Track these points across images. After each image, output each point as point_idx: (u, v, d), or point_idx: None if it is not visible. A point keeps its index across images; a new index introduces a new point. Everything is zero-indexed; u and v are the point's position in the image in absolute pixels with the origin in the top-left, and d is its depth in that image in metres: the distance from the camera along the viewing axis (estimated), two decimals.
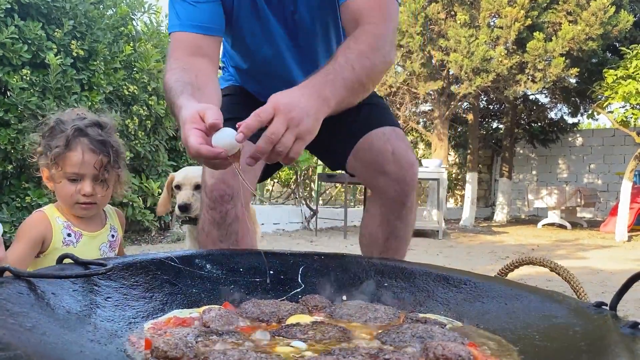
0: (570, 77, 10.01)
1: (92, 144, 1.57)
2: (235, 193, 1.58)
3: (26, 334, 0.68)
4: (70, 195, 1.58)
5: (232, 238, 1.60)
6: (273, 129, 1.09)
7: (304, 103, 1.15)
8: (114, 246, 1.73)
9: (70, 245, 1.61)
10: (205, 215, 1.61)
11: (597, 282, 4.21)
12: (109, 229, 1.72)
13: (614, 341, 0.73)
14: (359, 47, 1.36)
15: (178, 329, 0.90)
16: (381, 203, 1.72)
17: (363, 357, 0.75)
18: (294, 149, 1.12)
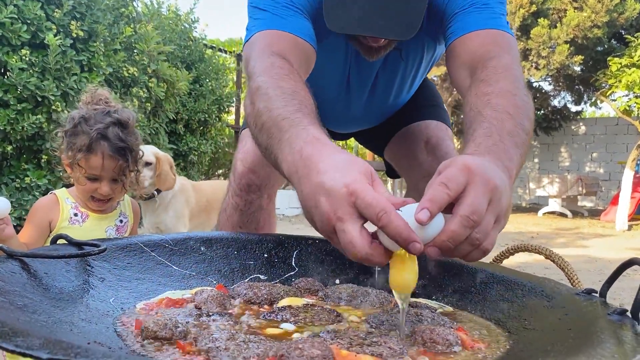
0: (574, 65, 9.95)
1: (112, 150, 1.61)
2: (263, 184, 1.57)
3: (16, 312, 0.69)
4: (87, 190, 1.64)
5: (252, 226, 1.60)
6: (475, 206, 0.71)
7: (498, 173, 0.78)
8: (121, 231, 1.76)
9: (76, 224, 1.67)
10: (230, 199, 1.62)
11: (595, 270, 4.22)
12: (118, 214, 1.76)
13: (601, 327, 0.73)
14: (498, 86, 1.05)
15: (169, 310, 0.91)
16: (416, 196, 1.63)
17: (351, 340, 0.76)
18: (491, 237, 0.75)
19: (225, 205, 1.65)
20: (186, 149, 5.62)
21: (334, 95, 1.54)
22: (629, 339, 0.68)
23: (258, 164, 1.54)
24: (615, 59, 8.55)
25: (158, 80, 4.79)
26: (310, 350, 0.65)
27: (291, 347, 0.66)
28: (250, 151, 1.56)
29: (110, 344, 0.71)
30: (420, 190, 1.60)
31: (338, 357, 0.68)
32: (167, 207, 2.66)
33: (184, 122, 5.64)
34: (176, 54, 5.61)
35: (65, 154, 1.63)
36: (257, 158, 1.54)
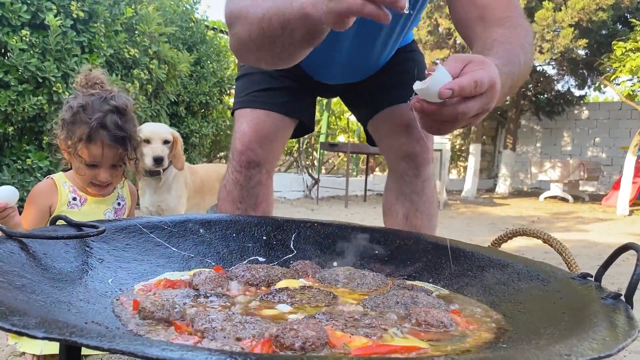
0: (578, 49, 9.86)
1: (111, 139, 1.61)
2: (261, 161, 1.64)
3: (14, 292, 0.69)
4: (86, 177, 1.66)
5: (252, 200, 1.66)
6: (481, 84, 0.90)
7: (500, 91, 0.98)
8: (119, 214, 1.77)
9: (75, 209, 1.68)
10: (230, 176, 1.67)
11: (594, 255, 4.23)
12: (115, 197, 1.77)
13: (595, 311, 0.74)
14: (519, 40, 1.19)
15: (167, 291, 0.92)
16: (396, 176, 1.72)
17: (346, 321, 0.76)
18: (473, 119, 0.97)
19: (226, 182, 1.70)
20: (187, 131, 5.61)
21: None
22: (621, 322, 0.68)
23: (255, 142, 1.62)
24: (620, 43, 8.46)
25: (159, 62, 4.76)
26: (305, 332, 0.66)
27: (286, 328, 0.67)
28: (247, 131, 1.62)
29: (108, 324, 0.72)
30: (399, 170, 1.67)
31: (332, 338, 0.69)
32: (170, 186, 2.68)
33: (185, 105, 5.62)
34: (177, 35, 5.57)
35: (65, 142, 1.64)
36: (254, 137, 1.61)
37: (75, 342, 0.46)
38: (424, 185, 1.70)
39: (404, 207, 1.71)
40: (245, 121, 1.64)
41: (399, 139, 1.66)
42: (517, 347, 0.70)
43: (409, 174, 1.68)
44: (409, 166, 1.67)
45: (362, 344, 0.69)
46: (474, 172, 11.01)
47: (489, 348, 0.72)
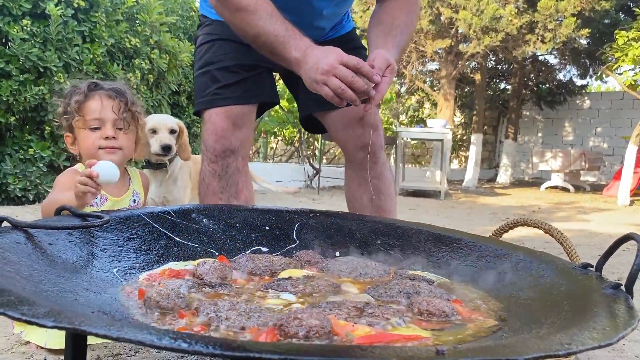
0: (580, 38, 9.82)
1: (108, 92, 1.62)
2: (235, 148, 1.67)
3: (22, 282, 0.70)
4: (93, 143, 1.61)
5: (232, 189, 1.68)
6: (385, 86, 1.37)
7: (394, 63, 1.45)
8: None
9: (94, 207, 1.64)
10: (206, 168, 1.69)
11: (595, 245, 4.24)
12: (131, 194, 1.76)
13: (595, 301, 0.75)
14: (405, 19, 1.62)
15: (172, 280, 0.93)
16: (355, 165, 1.82)
17: (349, 310, 0.77)
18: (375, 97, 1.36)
19: (203, 175, 1.73)
20: (189, 121, 5.60)
21: None
22: (621, 312, 0.69)
23: (228, 130, 1.66)
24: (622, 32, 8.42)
25: (160, 52, 4.74)
26: (309, 321, 0.67)
27: (290, 317, 0.68)
28: (218, 121, 1.67)
29: (114, 313, 0.73)
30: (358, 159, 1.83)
31: (336, 327, 0.70)
32: (176, 178, 2.68)
33: (186, 94, 5.60)
34: (178, 24, 5.54)
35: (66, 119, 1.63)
36: (225, 125, 1.66)
37: (84, 331, 0.47)
38: (382, 169, 1.82)
39: (368, 192, 1.80)
40: (213, 114, 1.68)
41: (355, 131, 1.78)
42: (518, 336, 0.71)
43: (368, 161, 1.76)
44: (366, 154, 1.76)
45: (365, 332, 0.70)
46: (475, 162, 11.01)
47: (490, 337, 0.73)
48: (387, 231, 1.27)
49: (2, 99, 3.63)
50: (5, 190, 3.74)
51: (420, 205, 6.75)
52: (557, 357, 0.52)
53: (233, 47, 1.73)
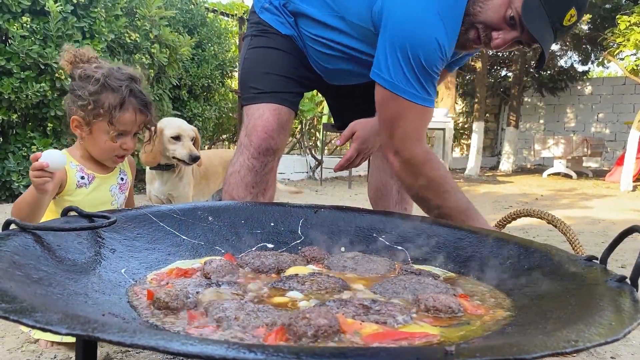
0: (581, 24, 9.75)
1: (140, 105, 1.64)
2: (277, 148, 1.76)
3: (33, 286, 0.71)
4: (112, 149, 1.66)
5: (263, 186, 1.76)
6: (349, 156, 1.74)
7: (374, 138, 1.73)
8: (123, 189, 1.79)
9: (83, 187, 1.68)
10: (245, 162, 1.75)
11: (598, 231, 4.24)
12: (118, 172, 1.79)
13: (600, 294, 0.75)
14: None
15: (180, 280, 0.93)
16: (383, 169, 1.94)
17: (356, 308, 0.78)
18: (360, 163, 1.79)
19: (239, 167, 1.77)
20: (190, 115, 5.60)
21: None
22: (627, 306, 0.69)
23: (276, 131, 1.74)
24: (624, 17, 8.36)
25: (160, 46, 4.74)
26: (317, 320, 0.68)
27: (299, 317, 0.69)
28: (271, 120, 1.73)
29: (125, 315, 0.74)
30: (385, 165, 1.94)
31: (344, 326, 0.71)
32: (182, 175, 2.70)
33: (187, 88, 5.60)
34: (178, 18, 5.53)
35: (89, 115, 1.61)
36: (276, 126, 1.73)
37: (98, 338, 0.48)
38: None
39: (397, 184, 1.90)
40: (268, 110, 1.74)
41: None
42: (525, 331, 0.71)
43: None
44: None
45: (373, 330, 0.71)
46: (477, 150, 10.99)
47: (496, 333, 0.73)
48: (391, 225, 1.28)
49: (3, 96, 3.64)
50: (9, 188, 3.75)
51: None
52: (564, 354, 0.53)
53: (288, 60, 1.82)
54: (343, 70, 1.78)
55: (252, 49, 1.86)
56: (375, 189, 1.97)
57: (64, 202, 1.63)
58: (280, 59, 1.81)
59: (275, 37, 1.82)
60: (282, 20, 1.83)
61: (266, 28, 1.83)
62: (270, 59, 1.82)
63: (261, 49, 1.85)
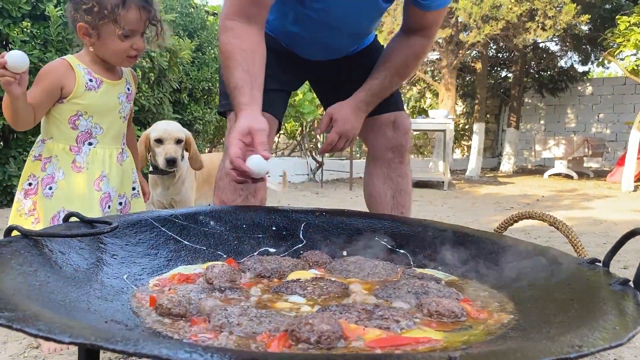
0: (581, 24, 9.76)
1: (142, 1, 1.67)
2: None
3: (35, 293, 0.71)
4: (124, 50, 1.70)
5: (252, 188, 1.73)
6: (330, 140, 1.76)
7: (353, 120, 1.75)
8: (129, 99, 1.85)
9: (92, 90, 1.72)
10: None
11: (600, 232, 4.24)
12: (125, 82, 1.84)
13: (604, 298, 0.75)
14: (410, 61, 1.79)
15: (182, 286, 0.93)
16: (383, 163, 1.94)
17: (359, 313, 0.78)
18: (344, 147, 1.83)
19: (226, 171, 1.75)
20: (191, 118, 5.60)
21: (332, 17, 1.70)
22: (630, 310, 0.69)
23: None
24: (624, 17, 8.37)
25: (160, 50, 4.75)
26: (320, 326, 0.68)
27: (301, 323, 0.68)
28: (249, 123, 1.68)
29: (127, 322, 0.73)
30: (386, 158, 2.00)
31: (347, 331, 0.71)
32: (183, 180, 2.69)
33: (187, 91, 5.61)
34: (178, 22, 5.54)
35: (95, 19, 1.65)
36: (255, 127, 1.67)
37: (101, 346, 0.48)
38: (406, 169, 1.95)
39: (391, 189, 1.93)
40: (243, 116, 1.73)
41: (387, 134, 1.92)
42: (528, 336, 0.71)
43: (395, 161, 1.92)
44: (395, 155, 1.91)
45: (376, 336, 0.71)
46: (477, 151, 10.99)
47: (500, 337, 0.73)
48: (393, 229, 1.27)
49: None
50: (11, 193, 3.75)
51: (423, 197, 6.76)
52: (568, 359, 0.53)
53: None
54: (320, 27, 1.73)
55: None
56: (369, 196, 1.97)
57: (74, 106, 1.69)
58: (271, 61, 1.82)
59: None
60: None
61: None
62: None
63: None
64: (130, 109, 1.85)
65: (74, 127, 1.71)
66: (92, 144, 1.74)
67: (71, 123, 1.70)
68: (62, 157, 1.71)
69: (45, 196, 1.69)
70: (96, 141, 1.75)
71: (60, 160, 1.71)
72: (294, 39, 1.81)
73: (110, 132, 1.77)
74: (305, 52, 1.87)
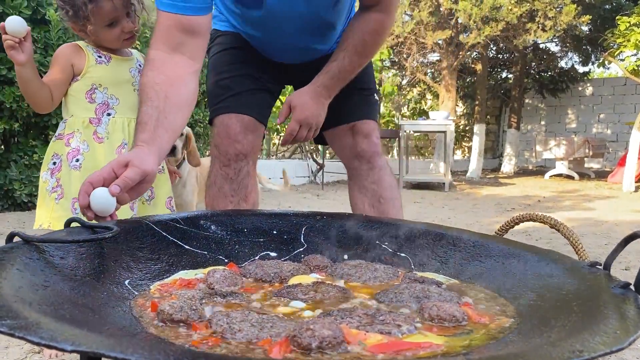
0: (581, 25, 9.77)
1: None
2: (247, 152, 1.73)
3: (36, 300, 0.71)
4: (116, 38, 1.80)
5: (242, 192, 1.74)
6: (290, 129, 1.66)
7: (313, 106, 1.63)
8: None
9: (103, 64, 1.83)
10: (218, 171, 1.75)
11: (601, 233, 4.24)
12: (135, 59, 1.93)
13: (605, 302, 0.75)
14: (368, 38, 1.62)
15: (183, 291, 0.93)
16: (353, 172, 1.90)
17: (360, 318, 0.78)
18: (308, 136, 1.69)
19: (214, 178, 1.77)
20: (192, 121, 5.61)
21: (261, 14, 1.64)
22: (631, 314, 0.69)
23: (240, 134, 1.72)
24: (624, 18, 8.38)
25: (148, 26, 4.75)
26: (322, 331, 0.68)
27: (303, 328, 0.69)
28: (231, 125, 1.72)
29: (129, 328, 0.74)
30: (353, 167, 1.93)
31: (348, 336, 0.71)
32: (185, 182, 2.71)
33: None
34: None
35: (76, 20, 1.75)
36: (238, 129, 1.72)
37: (103, 354, 0.48)
38: (380, 174, 1.86)
39: (367, 198, 1.85)
40: (226, 119, 1.73)
41: (346, 142, 1.86)
42: (529, 340, 0.71)
43: (364, 168, 1.86)
44: (361, 162, 1.85)
45: (378, 340, 0.71)
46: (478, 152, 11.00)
47: (501, 342, 0.73)
48: (393, 232, 1.27)
49: (5, 105, 3.65)
50: (12, 197, 3.76)
51: (424, 198, 6.76)
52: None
53: (241, 56, 1.80)
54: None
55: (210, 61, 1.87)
56: (352, 208, 1.94)
57: (88, 80, 1.80)
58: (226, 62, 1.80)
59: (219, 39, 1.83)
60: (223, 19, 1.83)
61: (212, 35, 1.84)
62: (217, 67, 1.82)
63: (211, 59, 1.86)
64: None
65: (91, 101, 1.80)
66: (110, 114, 1.83)
67: (88, 97, 1.80)
68: (84, 130, 1.80)
69: (73, 168, 1.77)
70: (114, 112, 1.84)
71: (83, 134, 1.80)
72: (261, 42, 1.78)
73: (126, 103, 1.85)
74: (278, 56, 1.82)
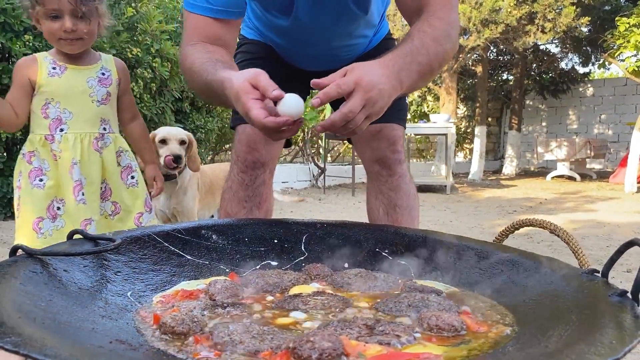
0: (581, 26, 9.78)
1: None
2: (265, 160, 1.75)
3: (40, 314, 0.72)
4: (53, 32, 1.75)
5: (257, 200, 1.76)
6: (351, 107, 1.09)
7: (383, 84, 1.14)
8: (104, 83, 1.89)
9: (55, 77, 1.80)
10: (235, 177, 1.77)
11: (603, 235, 4.24)
12: (99, 68, 1.89)
13: (602, 311, 0.76)
14: (434, 32, 1.34)
15: (185, 303, 0.94)
16: (372, 177, 1.88)
17: (360, 329, 0.79)
18: (361, 127, 1.15)
19: (231, 183, 1.79)
20: (193, 127, 5.63)
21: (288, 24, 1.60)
22: (628, 323, 0.70)
23: (260, 143, 1.73)
24: (623, 19, 8.38)
25: (162, 60, 4.77)
26: (321, 343, 0.69)
27: (303, 340, 0.69)
28: (251, 133, 1.72)
29: (132, 341, 0.75)
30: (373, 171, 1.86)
31: (348, 348, 0.72)
32: (185, 189, 2.73)
33: (189, 100, 5.64)
34: (179, 32, 5.57)
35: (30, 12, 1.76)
36: (258, 138, 1.72)
37: None
38: (399, 182, 1.83)
39: (383, 204, 1.84)
40: (247, 127, 1.73)
41: (370, 145, 1.82)
42: (526, 350, 0.72)
43: (383, 174, 1.83)
44: (382, 168, 1.82)
45: (377, 352, 0.72)
46: (479, 154, 11.00)
47: (499, 352, 0.74)
48: (394, 240, 1.28)
49: None
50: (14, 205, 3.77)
51: (426, 201, 6.76)
52: None
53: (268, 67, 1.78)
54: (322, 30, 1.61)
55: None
56: (367, 212, 1.93)
57: (42, 95, 1.77)
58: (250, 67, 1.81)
59: (245, 46, 1.83)
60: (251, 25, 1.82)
61: (240, 41, 1.84)
62: None
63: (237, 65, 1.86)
64: (108, 92, 1.88)
65: (46, 116, 1.79)
66: (63, 130, 1.80)
67: (43, 112, 1.79)
68: (41, 149, 1.79)
69: (35, 187, 1.78)
70: (67, 127, 1.81)
71: (41, 152, 1.80)
72: (286, 50, 1.78)
73: (81, 117, 1.82)
74: (303, 63, 1.83)
